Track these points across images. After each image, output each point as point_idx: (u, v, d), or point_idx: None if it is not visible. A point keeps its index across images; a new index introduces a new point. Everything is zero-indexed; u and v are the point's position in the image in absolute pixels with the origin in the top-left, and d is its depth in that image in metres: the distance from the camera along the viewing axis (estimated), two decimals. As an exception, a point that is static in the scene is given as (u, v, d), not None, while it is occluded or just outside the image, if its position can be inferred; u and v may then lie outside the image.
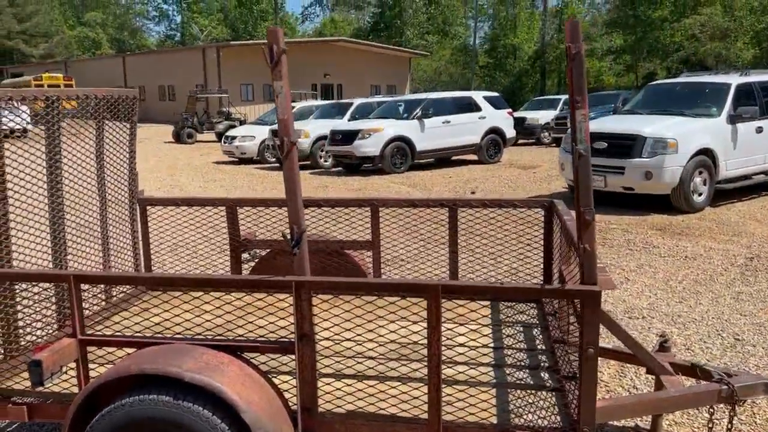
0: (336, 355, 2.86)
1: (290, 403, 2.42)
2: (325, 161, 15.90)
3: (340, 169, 15.59)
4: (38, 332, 2.96)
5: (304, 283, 2.30)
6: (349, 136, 14.35)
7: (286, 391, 2.44)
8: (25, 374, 2.65)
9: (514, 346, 3.00)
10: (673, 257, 6.51)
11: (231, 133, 18.41)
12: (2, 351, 2.84)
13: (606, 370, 3.95)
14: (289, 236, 2.37)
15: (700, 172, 8.82)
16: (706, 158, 8.85)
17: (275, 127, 16.90)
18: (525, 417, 2.41)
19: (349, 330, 2.39)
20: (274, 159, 16.92)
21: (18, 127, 3.09)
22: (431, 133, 14.79)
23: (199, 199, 4.03)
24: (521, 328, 3.26)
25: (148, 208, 4.06)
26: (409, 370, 2.61)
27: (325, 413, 2.42)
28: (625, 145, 8.86)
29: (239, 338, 2.42)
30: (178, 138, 24.66)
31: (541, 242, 3.74)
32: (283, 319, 2.43)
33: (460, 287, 2.23)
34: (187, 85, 35.26)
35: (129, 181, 3.97)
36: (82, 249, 3.54)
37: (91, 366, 2.56)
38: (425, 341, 2.24)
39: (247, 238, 4.01)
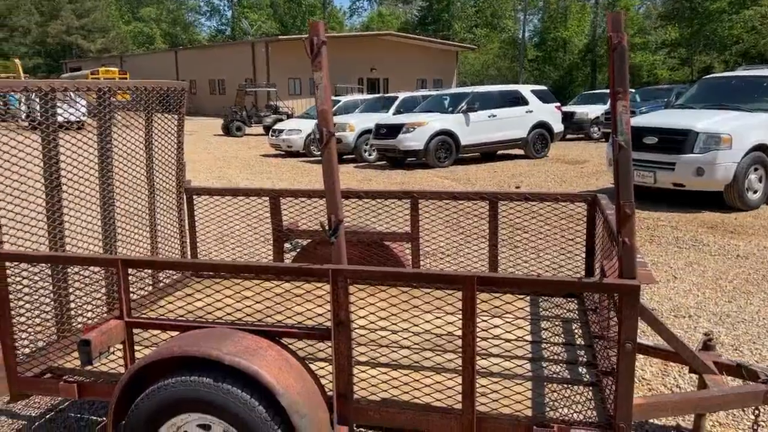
0: (371, 343, 2.90)
1: (326, 389, 2.46)
2: (370, 155, 15.96)
3: (384, 163, 15.63)
4: (89, 314, 3.08)
5: (341, 272, 2.33)
6: (394, 130, 14.37)
7: (323, 377, 2.48)
8: (77, 354, 2.78)
9: (551, 340, 2.97)
10: (723, 256, 6.32)
11: (278, 126, 18.66)
12: (55, 331, 2.98)
13: (648, 368, 3.88)
14: (327, 226, 2.40)
15: (756, 169, 8.51)
16: (762, 155, 8.54)
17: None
18: (560, 411, 2.39)
19: (384, 319, 2.42)
20: (319, 152, 17.06)
21: (75, 119, 3.22)
22: (476, 127, 14.68)
23: (244, 189, 4.11)
24: (560, 323, 3.23)
25: (194, 197, 4.17)
26: (444, 360, 2.63)
27: (360, 400, 2.46)
28: (677, 140, 8.62)
29: (278, 324, 2.47)
30: (227, 131, 25.12)
31: (584, 237, 3.69)
32: (320, 306, 2.47)
33: (495, 279, 2.23)
34: (236, 79, 35.88)
35: (177, 171, 4.09)
36: (132, 236, 3.67)
37: (137, 348, 2.67)
38: (461, 332, 2.25)
39: (289, 228, 4.08)
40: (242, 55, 38.37)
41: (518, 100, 15.52)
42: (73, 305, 3.04)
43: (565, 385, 2.59)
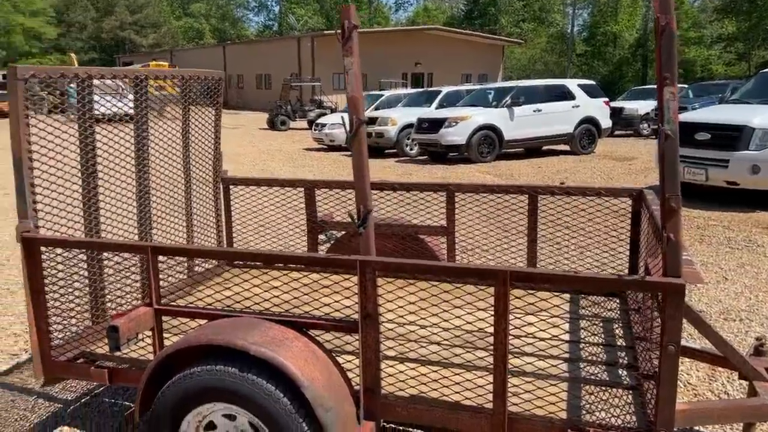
0: (400, 337, 2.83)
1: (354, 383, 2.41)
2: (411, 149, 15.85)
3: (426, 157, 15.51)
4: (123, 300, 3.10)
5: (369, 263, 2.27)
6: (436, 124, 14.23)
7: (350, 371, 2.42)
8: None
9: (590, 340, 2.85)
10: (779, 257, 6.02)
11: (321, 120, 18.72)
12: (89, 317, 3.00)
13: (694, 372, 3.70)
14: (355, 216, 2.34)
15: (816, 168, 8.09)
16: (823, 152, 8.11)
17: (367, 114, 17.05)
18: (596, 414, 2.28)
19: (414, 313, 2.34)
20: (362, 146, 17.03)
21: (122, 111, 3.24)
22: (521, 122, 14.42)
23: (279, 180, 4.09)
24: (601, 323, 3.10)
25: (230, 187, 4.17)
26: (475, 357, 2.54)
27: (388, 395, 2.39)
28: (731, 137, 8.27)
29: (305, 315, 2.42)
30: (272, 125, 25.37)
31: (628, 234, 3.54)
32: (348, 298, 2.40)
33: (531, 274, 2.13)
34: (282, 73, 36.19)
35: (214, 161, 4.09)
36: (168, 225, 3.69)
37: (167, 336, 2.66)
38: (494, 329, 2.16)
39: (323, 220, 4.04)
40: (288, 49, 38.69)
41: (565, 94, 15.18)
42: (107, 291, 3.07)
43: (603, 388, 2.47)
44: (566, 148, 15.68)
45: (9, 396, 3.48)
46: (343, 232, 4.04)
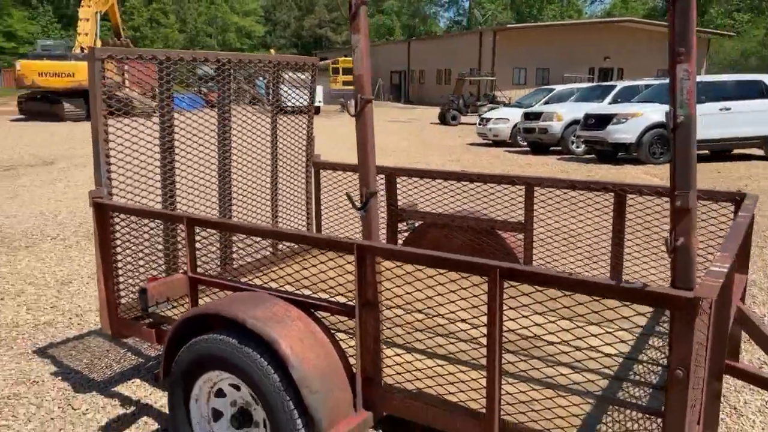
0: (404, 325, 2.71)
1: (354, 369, 2.35)
2: (577, 147, 15.02)
3: (592, 156, 14.60)
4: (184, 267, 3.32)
5: (368, 248, 2.20)
6: (603, 121, 13.33)
7: (352, 356, 2.37)
8: (171, 304, 3.03)
9: (608, 351, 2.48)
10: None
11: (486, 115, 18.45)
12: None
13: (754, 402, 3.10)
14: (358, 198, 2.28)
15: None
16: None
17: (529, 110, 16.50)
18: (598, 437, 2.00)
19: (420, 301, 2.21)
20: (525, 143, 16.52)
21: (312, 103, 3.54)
22: (703, 121, 12.87)
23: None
24: (627, 335, 2.70)
25: (321, 171, 4.27)
26: (480, 355, 2.35)
27: (383, 386, 2.31)
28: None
29: (313, 296, 2.42)
30: (443, 119, 25.54)
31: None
32: (389, 280, 2.32)
33: (520, 272, 1.92)
34: (462, 68, 36.26)
35: (306, 146, 4.22)
36: (256, 205, 3.89)
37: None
38: (487, 328, 1.99)
39: (403, 209, 3.99)
40: (470, 44, 38.64)
41: (762, 92, 13.38)
42: (171, 258, 3.31)
43: (609, 405, 2.16)
44: (761, 152, 13.84)
45: (106, 347, 3.92)
46: (421, 222, 3.95)
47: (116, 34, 31.79)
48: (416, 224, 4.00)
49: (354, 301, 2.27)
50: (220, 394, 2.51)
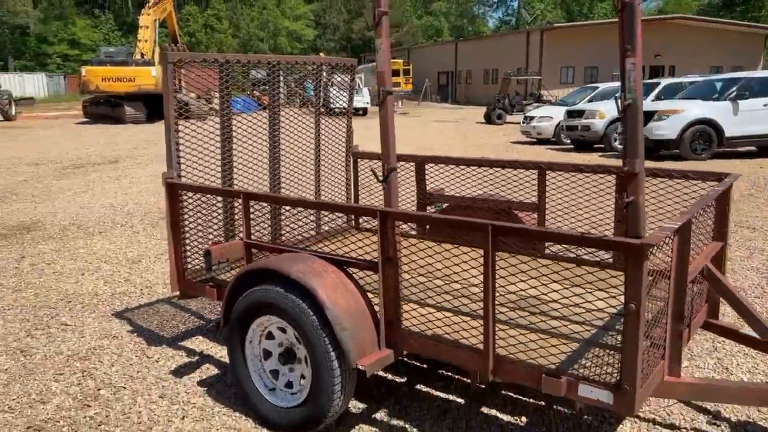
0: (421, 284, 3.19)
1: (378, 315, 2.84)
2: (620, 144, 15.10)
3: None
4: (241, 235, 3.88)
5: (388, 213, 2.69)
6: (644, 118, 13.42)
7: (377, 305, 2.86)
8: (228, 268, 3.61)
9: (583, 305, 2.88)
10: None
11: (530, 113, 18.68)
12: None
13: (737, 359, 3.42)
14: (379, 173, 2.77)
15: None
16: None
17: (572, 108, 16.68)
18: (574, 367, 2.43)
19: (430, 264, 2.68)
20: (569, 141, 16.70)
21: (362, 105, 4.10)
22: (746, 117, 12.97)
23: (397, 155, 4.60)
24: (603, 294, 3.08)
25: (359, 160, 4.79)
26: (479, 307, 2.80)
27: (402, 329, 2.79)
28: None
29: (345, 255, 2.92)
30: (488, 119, 25.79)
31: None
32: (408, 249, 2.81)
33: (506, 228, 2.37)
34: (509, 68, 36.32)
35: (347, 136, 4.74)
36: (299, 187, 4.43)
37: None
38: (483, 279, 2.45)
39: (431, 193, 4.47)
40: (517, 44, 38.65)
41: (809, 87, 13.25)
42: (234, 228, 3.87)
43: (584, 345, 2.59)
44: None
45: (172, 312, 4.53)
46: (447, 204, 4.42)
47: (173, 40, 33.21)
48: (443, 206, 4.47)
49: (378, 258, 2.76)
50: (269, 336, 3.04)
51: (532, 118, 17.93)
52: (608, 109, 15.30)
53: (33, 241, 6.64)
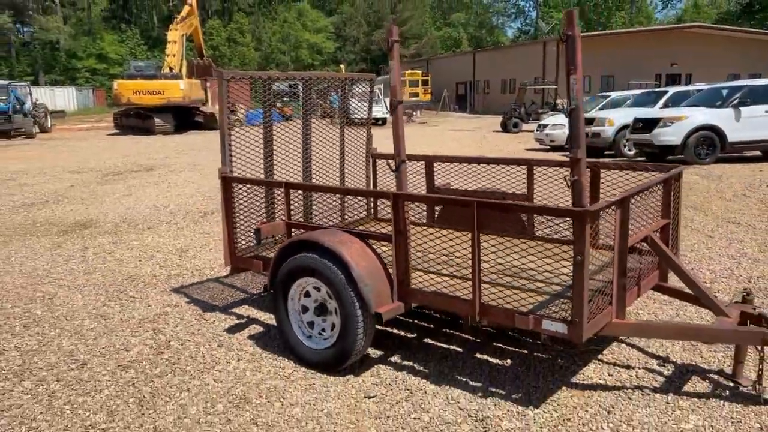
0: (427, 257, 3.98)
1: (392, 275, 3.63)
2: (629, 150, 15.78)
3: (643, 159, 15.33)
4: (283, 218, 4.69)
5: (398, 195, 3.49)
6: (650, 124, 14.10)
7: (391, 267, 3.65)
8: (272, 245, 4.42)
9: (555, 272, 3.63)
10: None
11: (544, 121, 19.37)
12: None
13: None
14: (393, 165, 3.57)
15: None
16: None
17: (585, 115, 17.36)
18: (541, 310, 3.20)
19: (437, 244, 3.45)
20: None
21: (381, 115, 4.91)
22: (749, 123, 13.56)
23: (411, 156, 5.40)
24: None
25: (377, 160, 5.59)
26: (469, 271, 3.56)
27: (411, 287, 3.57)
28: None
29: (366, 230, 3.72)
30: (504, 127, 26.51)
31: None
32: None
33: (487, 203, 3.15)
34: (526, 78, 37.00)
35: (366, 141, 5.55)
36: (327, 180, 5.24)
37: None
38: (471, 244, 3.23)
39: (439, 187, 5.25)
40: (534, 54, 39.32)
41: (810, 93, 13.81)
42: (276, 213, 4.69)
43: (551, 297, 3.36)
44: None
45: (221, 288, 5.37)
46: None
47: (199, 54, 34.53)
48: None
49: (391, 231, 3.56)
50: (306, 295, 3.85)
51: (545, 126, 18.63)
52: (618, 117, 15.99)
53: (91, 236, 7.55)
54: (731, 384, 3.45)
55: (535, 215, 4.45)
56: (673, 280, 3.92)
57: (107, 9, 64.94)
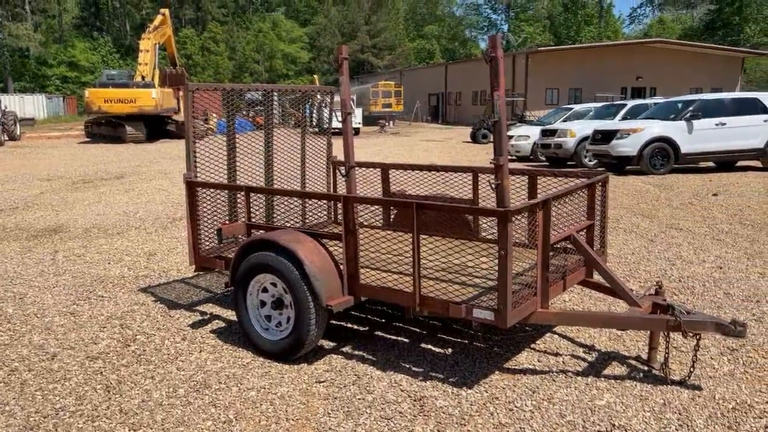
0: (376, 255, 4.34)
1: (342, 271, 3.96)
2: (590, 161, 16.37)
3: (602, 169, 15.91)
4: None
5: (348, 197, 3.84)
6: (609, 136, 14.70)
7: (342, 264, 3.99)
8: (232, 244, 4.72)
9: (490, 269, 4.01)
10: None
11: (509, 133, 19.93)
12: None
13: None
14: (341, 170, 3.91)
15: None
16: None
17: (546, 127, 17.95)
18: (473, 300, 3.57)
19: (387, 245, 3.80)
20: (544, 158, 17.95)
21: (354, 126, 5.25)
22: (700, 136, 14.23)
23: (365, 163, 5.75)
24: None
25: (337, 167, 5.93)
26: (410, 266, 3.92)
27: (359, 282, 3.91)
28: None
29: (318, 230, 4.06)
30: (474, 138, 27.10)
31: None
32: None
33: (425, 204, 3.52)
34: (495, 90, 37.70)
35: (326, 149, 5.89)
36: (288, 184, 5.57)
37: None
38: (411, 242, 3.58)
39: (394, 193, 5.61)
40: (504, 67, 40.09)
41: (756, 108, 14.54)
42: (234, 215, 5.00)
43: (482, 289, 3.74)
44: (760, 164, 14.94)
45: (186, 288, 5.66)
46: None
47: (172, 63, 34.57)
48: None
49: (341, 231, 3.90)
50: (264, 290, 4.17)
51: (511, 137, 19.17)
52: (579, 129, 16.58)
53: (62, 240, 7.76)
54: (645, 368, 3.85)
55: (479, 217, 4.85)
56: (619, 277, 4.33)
57: (79, 17, 64.54)
